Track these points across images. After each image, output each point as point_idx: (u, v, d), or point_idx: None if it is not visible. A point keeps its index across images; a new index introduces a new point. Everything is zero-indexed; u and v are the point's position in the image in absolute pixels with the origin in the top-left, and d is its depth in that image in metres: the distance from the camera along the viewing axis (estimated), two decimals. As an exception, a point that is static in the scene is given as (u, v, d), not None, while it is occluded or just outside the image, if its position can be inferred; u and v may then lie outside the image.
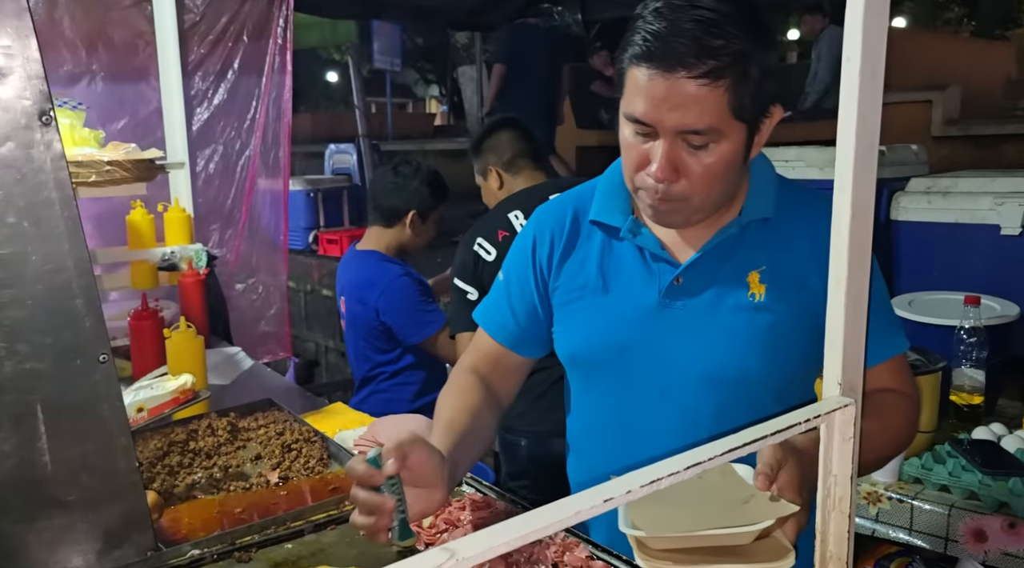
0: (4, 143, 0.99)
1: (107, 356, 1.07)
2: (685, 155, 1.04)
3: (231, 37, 2.59)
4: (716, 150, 1.04)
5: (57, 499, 1.06)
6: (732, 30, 0.99)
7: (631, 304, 1.19)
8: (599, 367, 1.24)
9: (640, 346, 1.18)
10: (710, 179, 1.06)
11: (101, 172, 1.89)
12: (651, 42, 1.00)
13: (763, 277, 1.14)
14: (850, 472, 0.81)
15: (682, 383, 1.17)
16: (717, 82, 0.99)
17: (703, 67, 0.98)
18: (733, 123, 1.03)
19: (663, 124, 1.02)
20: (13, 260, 1.01)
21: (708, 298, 1.15)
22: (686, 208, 1.09)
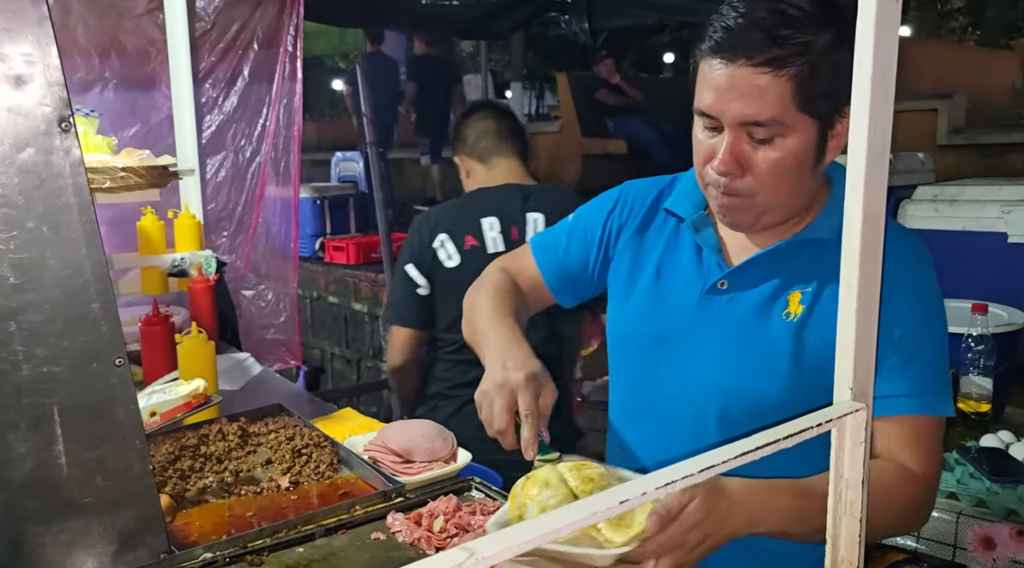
0: (24, 149, 1.00)
1: (123, 360, 1.08)
2: (749, 149, 1.03)
3: (241, 45, 2.62)
4: (781, 145, 1.01)
5: (73, 502, 1.07)
6: (803, 21, 0.98)
7: (674, 299, 1.19)
8: (634, 354, 1.25)
9: (672, 342, 1.19)
10: (775, 176, 1.03)
11: (115, 178, 1.91)
12: (719, 34, 1.01)
13: (804, 298, 1.10)
14: (861, 477, 0.82)
15: (698, 385, 1.16)
16: (780, 71, 0.98)
17: (765, 55, 0.97)
18: (799, 117, 1.00)
19: (725, 115, 1.02)
20: (32, 265, 1.02)
21: (745, 307, 1.13)
22: (752, 207, 1.07)
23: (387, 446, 1.51)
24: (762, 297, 1.13)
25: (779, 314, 1.10)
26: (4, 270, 0.99)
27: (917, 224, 2.56)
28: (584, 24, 3.66)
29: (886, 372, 1.02)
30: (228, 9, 2.59)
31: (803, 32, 0.98)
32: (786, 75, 0.98)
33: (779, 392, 1.09)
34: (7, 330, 1.00)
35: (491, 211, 2.05)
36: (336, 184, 6.52)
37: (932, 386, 1.07)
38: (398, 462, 1.48)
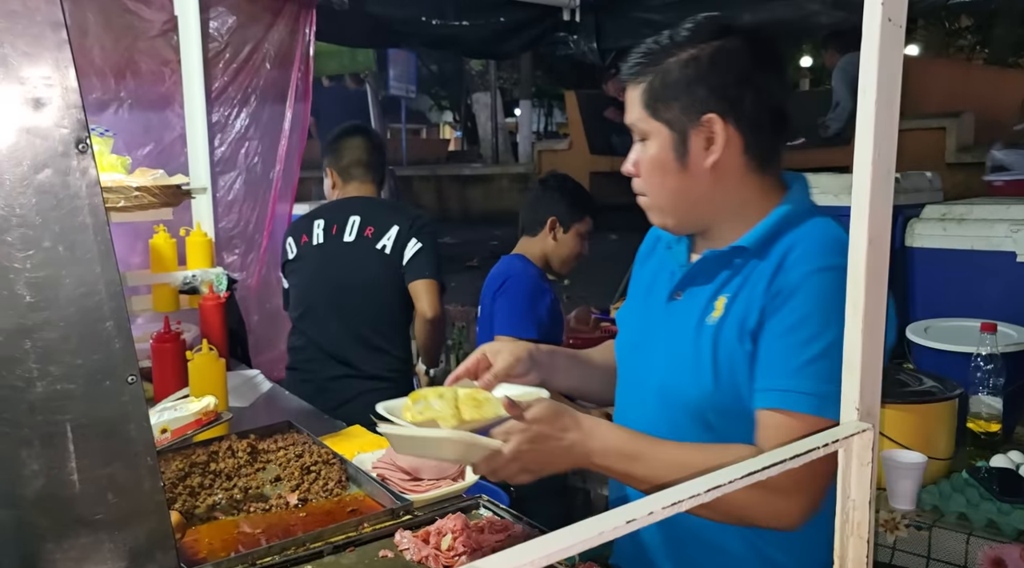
0: (42, 170, 1.02)
1: (135, 378, 1.09)
2: (640, 152, 1.21)
3: (254, 65, 2.65)
4: (647, 147, 1.20)
5: (85, 518, 1.08)
6: (668, 43, 1.17)
7: (648, 312, 1.33)
8: (621, 360, 1.40)
9: (638, 350, 1.32)
10: (650, 176, 1.20)
11: (130, 197, 1.93)
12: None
13: (726, 303, 1.19)
14: (868, 497, 0.82)
15: (648, 392, 1.27)
16: (636, 81, 1.18)
17: (630, 70, 1.19)
18: (651, 121, 1.18)
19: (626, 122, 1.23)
20: (47, 283, 1.03)
21: (687, 312, 1.24)
22: (652, 206, 1.24)
23: (395, 463, 1.51)
24: (700, 302, 1.22)
25: (706, 318, 1.20)
26: (20, 289, 1.00)
27: (925, 243, 2.56)
28: (593, 44, 3.68)
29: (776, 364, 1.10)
30: (241, 30, 2.62)
31: (658, 53, 1.16)
32: (638, 85, 1.18)
33: (703, 392, 1.18)
34: (22, 348, 1.01)
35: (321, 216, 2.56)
36: (345, 201, 6.56)
37: (809, 384, 1.07)
38: (406, 480, 1.48)
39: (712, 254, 1.22)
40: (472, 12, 3.46)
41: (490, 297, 2.46)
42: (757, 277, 1.15)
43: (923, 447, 1.76)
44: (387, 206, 2.80)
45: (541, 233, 2.51)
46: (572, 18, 3.75)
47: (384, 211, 2.59)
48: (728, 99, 1.15)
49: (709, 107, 1.14)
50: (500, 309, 2.38)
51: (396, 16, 3.29)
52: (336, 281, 2.49)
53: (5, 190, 0.99)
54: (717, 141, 1.16)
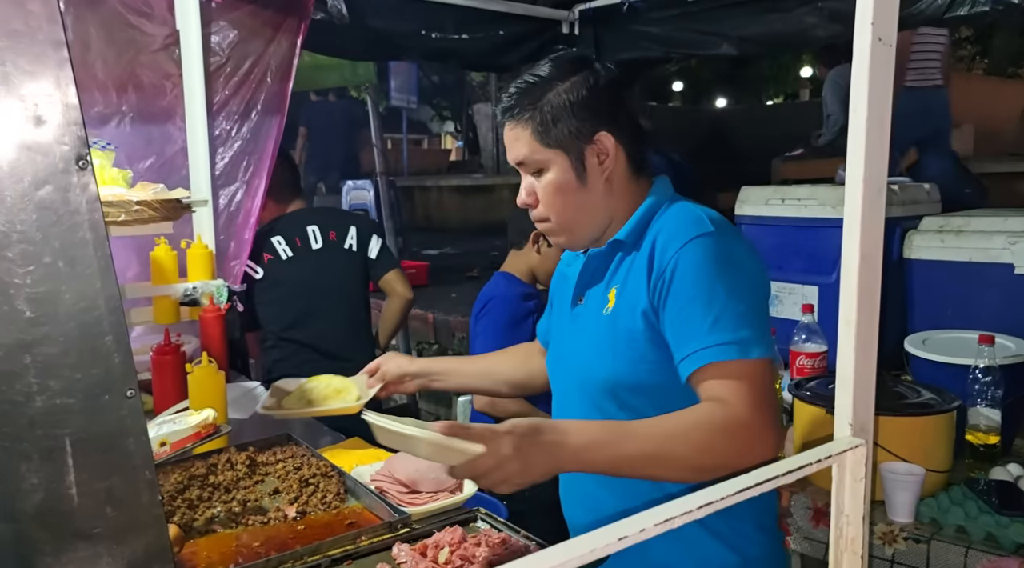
0: (43, 186, 1.03)
1: (134, 391, 1.09)
2: (535, 183, 1.34)
3: (255, 79, 2.66)
4: (547, 175, 1.32)
5: (83, 532, 1.08)
6: (532, 84, 1.31)
7: (561, 328, 1.49)
8: (550, 378, 1.54)
9: (558, 357, 1.49)
10: (552, 200, 1.33)
11: (130, 211, 1.94)
12: (498, 110, 1.35)
13: (616, 293, 1.34)
14: (862, 512, 0.82)
15: (570, 388, 1.42)
16: (518, 121, 1.31)
17: (511, 113, 1.31)
18: (546, 151, 1.30)
19: (512, 162, 1.36)
20: (47, 299, 1.04)
21: (588, 313, 1.39)
22: (556, 228, 1.36)
23: (393, 476, 1.52)
24: (597, 299, 1.37)
25: (602, 310, 1.34)
26: (20, 304, 1.01)
27: (923, 255, 2.57)
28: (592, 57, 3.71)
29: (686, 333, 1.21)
30: (242, 44, 2.63)
31: (533, 91, 1.30)
32: (523, 122, 1.30)
33: (608, 373, 1.31)
34: (22, 362, 1.02)
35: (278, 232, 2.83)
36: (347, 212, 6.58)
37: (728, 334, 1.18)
38: (404, 492, 1.49)
39: (595, 252, 1.38)
40: (472, 25, 3.48)
41: (474, 317, 2.49)
42: (638, 265, 1.30)
43: (921, 459, 1.76)
44: (333, 211, 3.27)
45: (526, 247, 2.51)
46: (571, 31, 3.78)
47: (334, 216, 3.03)
48: (610, 116, 1.32)
49: (598, 126, 1.30)
50: (482, 331, 2.42)
51: (396, 30, 3.31)
52: (318, 286, 2.82)
53: (6, 206, 1.00)
54: (610, 154, 1.32)
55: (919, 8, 2.75)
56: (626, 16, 3.61)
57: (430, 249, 7.91)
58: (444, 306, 4.81)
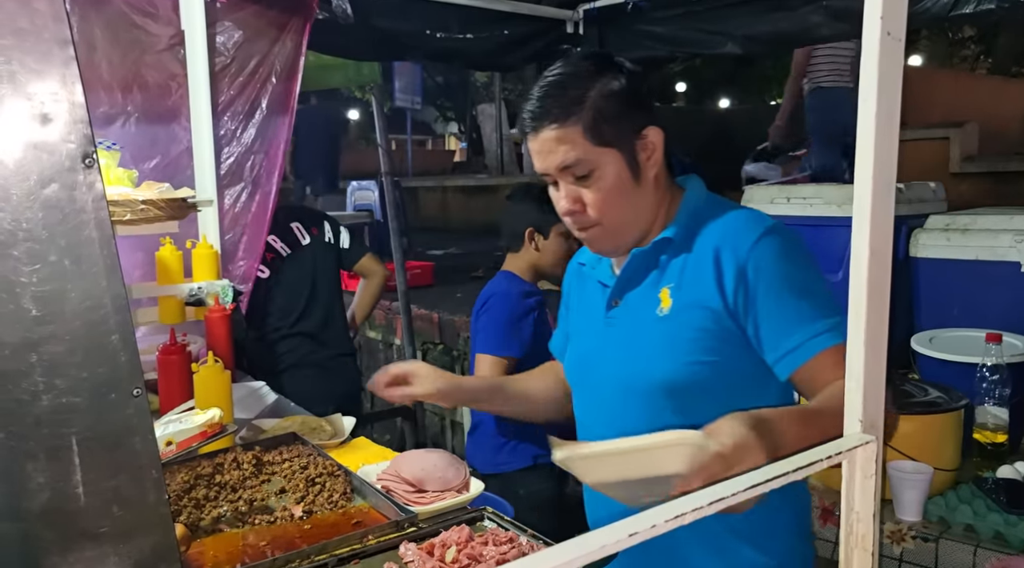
0: (49, 185, 1.03)
1: (140, 390, 1.09)
2: (580, 189, 1.27)
3: (260, 79, 2.66)
4: (599, 177, 1.25)
5: (89, 531, 1.08)
6: (573, 83, 1.25)
7: (588, 331, 1.43)
8: (574, 386, 1.49)
9: (588, 362, 1.41)
10: (606, 203, 1.27)
11: (136, 211, 1.94)
12: (524, 116, 1.29)
13: (672, 293, 1.29)
14: (872, 509, 0.82)
15: (610, 393, 1.35)
16: (565, 123, 1.24)
17: (552, 116, 1.24)
18: (600, 151, 1.24)
19: (550, 169, 1.27)
20: (53, 297, 1.04)
21: (631, 314, 1.34)
22: (605, 233, 1.30)
23: (400, 475, 1.51)
24: (643, 300, 1.32)
25: (655, 311, 1.29)
26: (27, 303, 1.01)
27: (929, 253, 2.56)
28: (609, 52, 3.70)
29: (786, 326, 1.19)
30: (247, 44, 2.63)
31: (578, 90, 1.24)
32: (572, 122, 1.23)
33: (666, 376, 1.26)
34: (28, 361, 1.02)
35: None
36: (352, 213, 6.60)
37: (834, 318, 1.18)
38: (411, 491, 1.48)
39: (639, 252, 1.32)
40: (476, 25, 3.47)
41: (475, 315, 2.48)
42: (696, 264, 1.26)
43: (929, 458, 1.76)
44: (303, 209, 3.51)
45: (523, 247, 2.50)
46: (576, 30, 3.77)
47: (307, 212, 3.23)
48: (650, 110, 1.30)
49: (644, 120, 1.28)
50: (482, 328, 2.40)
51: (401, 29, 3.30)
52: (313, 279, 3.02)
53: (12, 205, 1.00)
54: (657, 150, 1.29)
55: (924, 6, 2.74)
56: (631, 15, 3.60)
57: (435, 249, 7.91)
58: (449, 306, 4.81)
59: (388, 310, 5.02)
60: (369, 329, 5.22)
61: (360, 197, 6.98)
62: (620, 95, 1.26)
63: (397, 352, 4.98)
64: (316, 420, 1.97)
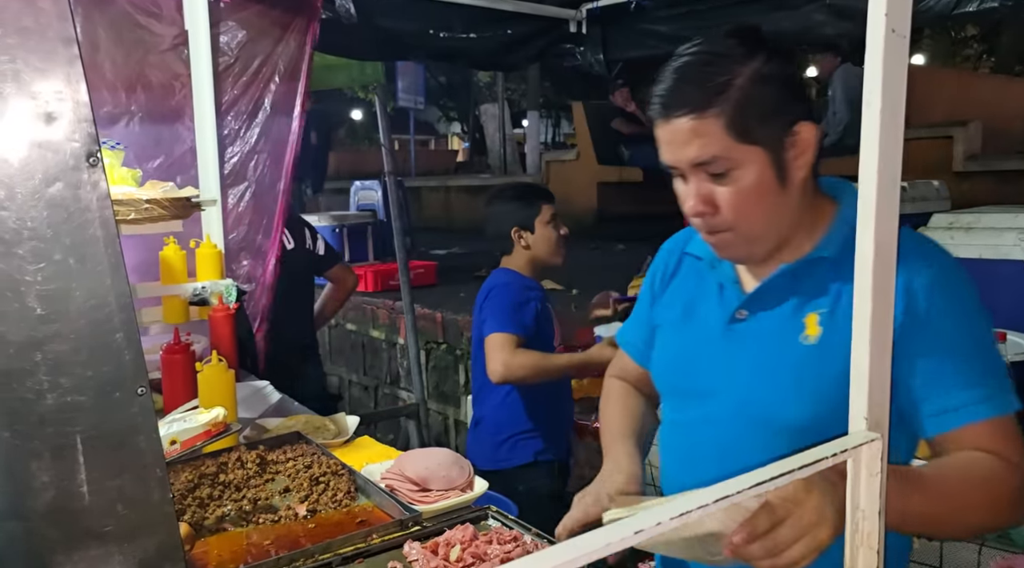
0: (53, 183, 1.03)
1: (145, 389, 1.10)
2: (714, 188, 1.09)
3: (263, 79, 2.66)
4: (738, 177, 1.08)
5: (94, 530, 1.08)
6: (716, 65, 1.07)
7: (700, 334, 1.24)
8: (670, 392, 1.32)
9: (700, 376, 1.23)
10: (742, 207, 1.09)
11: (140, 210, 1.95)
12: (655, 99, 1.11)
13: (822, 319, 1.11)
14: (878, 507, 0.81)
15: (723, 415, 1.18)
16: (705, 113, 1.06)
17: (690, 104, 1.06)
18: (743, 148, 1.06)
19: (680, 163, 1.10)
20: (58, 296, 1.04)
21: (764, 334, 1.16)
22: (737, 240, 1.12)
23: (404, 474, 1.51)
24: (779, 321, 1.15)
25: (797, 337, 1.13)
26: (31, 301, 1.01)
27: (934, 252, 2.55)
28: (599, 55, 3.69)
29: (949, 382, 1.05)
30: (251, 44, 2.63)
31: (721, 74, 1.06)
32: (713, 114, 1.05)
33: (803, 415, 1.10)
34: (33, 360, 1.02)
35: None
36: (355, 212, 6.60)
37: (998, 386, 1.06)
38: (415, 490, 1.48)
39: (789, 268, 1.14)
40: (479, 25, 3.47)
41: (479, 309, 2.48)
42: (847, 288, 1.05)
43: (934, 457, 1.75)
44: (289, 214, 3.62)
45: (514, 247, 2.49)
46: (579, 30, 3.76)
47: (292, 218, 3.25)
48: (806, 102, 1.11)
49: (797, 114, 1.08)
50: (488, 313, 2.39)
51: (404, 29, 3.31)
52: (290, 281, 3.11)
53: (17, 203, 1.00)
54: (809, 150, 1.10)
55: (927, 5, 2.73)
56: (633, 14, 3.60)
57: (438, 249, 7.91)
58: (452, 305, 4.81)
59: (392, 309, 5.02)
60: (373, 328, 5.22)
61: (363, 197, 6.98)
62: (771, 83, 1.07)
63: (400, 351, 4.98)
64: (320, 419, 1.97)
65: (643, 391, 1.45)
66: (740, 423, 1.16)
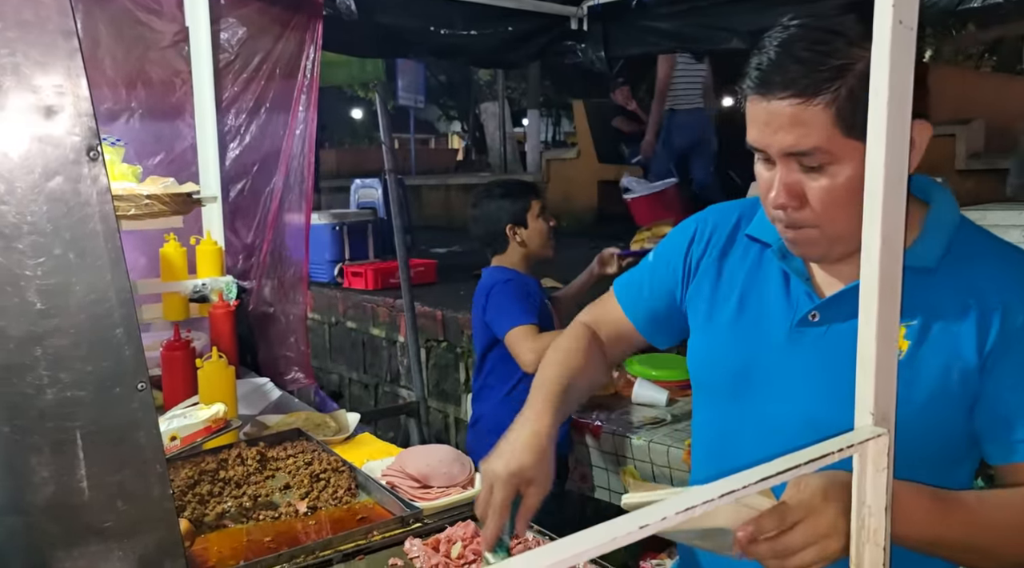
0: (53, 178, 1.02)
1: (145, 385, 1.09)
2: (805, 180, 1.00)
3: (263, 75, 2.66)
4: (834, 173, 0.98)
5: (94, 526, 1.08)
6: (831, 46, 0.95)
7: (761, 330, 1.13)
8: (716, 389, 1.19)
9: (759, 375, 1.13)
10: (833, 206, 0.99)
11: (140, 206, 1.94)
12: (752, 71, 1.00)
13: (909, 333, 1.03)
14: (884, 503, 0.81)
15: (786, 421, 1.09)
16: (814, 99, 0.95)
17: (794, 86, 0.95)
18: (846, 142, 0.96)
19: (771, 148, 1.00)
20: (58, 290, 1.03)
21: (840, 342, 1.05)
22: (820, 238, 1.04)
23: (405, 471, 1.51)
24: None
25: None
26: (31, 296, 1.01)
27: (937, 249, 2.55)
28: (600, 53, 3.69)
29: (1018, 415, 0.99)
30: (251, 41, 2.63)
31: (836, 57, 0.95)
32: (822, 103, 0.95)
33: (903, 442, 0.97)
34: (32, 355, 1.01)
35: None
36: (355, 210, 6.59)
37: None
38: (416, 487, 1.48)
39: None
40: (480, 22, 3.47)
41: (480, 309, 2.44)
42: (954, 307, 1.01)
43: (937, 455, 1.74)
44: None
45: (509, 245, 2.48)
46: (580, 27, 3.76)
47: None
48: (923, 98, 0.97)
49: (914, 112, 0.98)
50: (499, 312, 2.35)
51: (405, 26, 3.30)
52: None
53: (17, 198, 1.00)
54: (917, 151, 0.99)
55: (932, 1, 2.72)
56: (635, 11, 3.59)
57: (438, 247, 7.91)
58: (452, 303, 4.80)
59: (392, 307, 5.01)
60: (373, 326, 5.22)
61: (364, 195, 6.97)
62: None
63: (401, 349, 4.97)
64: (320, 416, 1.97)
65: (608, 348, 1.33)
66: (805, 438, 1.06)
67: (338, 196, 8.47)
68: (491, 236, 2.50)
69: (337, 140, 21.26)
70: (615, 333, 1.34)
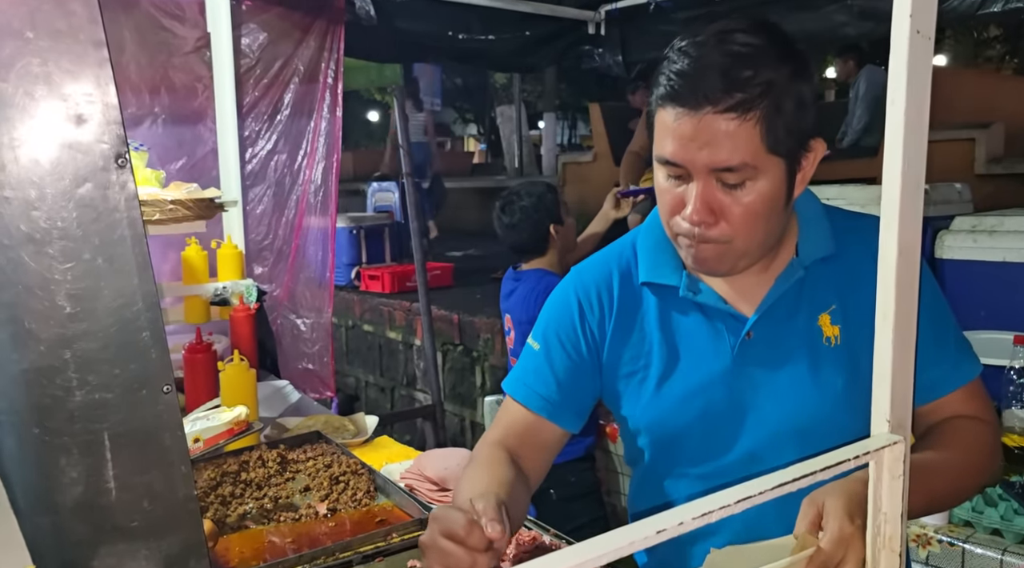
0: (83, 184, 1.05)
1: (170, 387, 1.11)
2: (721, 195, 0.99)
3: (284, 80, 2.70)
4: (754, 188, 0.99)
5: (121, 526, 1.10)
6: (761, 61, 0.96)
7: (704, 368, 1.12)
8: (681, 438, 1.15)
9: (721, 411, 1.11)
10: (750, 220, 1.00)
11: (164, 210, 1.97)
12: (675, 80, 0.97)
13: (835, 318, 1.09)
14: (900, 510, 0.81)
15: (771, 444, 1.10)
16: (747, 115, 0.95)
17: (730, 100, 0.94)
18: (768, 158, 0.98)
19: (694, 163, 0.98)
20: (87, 295, 1.06)
21: (783, 350, 1.09)
22: (730, 253, 1.04)
23: (423, 474, 1.52)
24: (796, 332, 1.10)
25: (820, 341, 1.09)
26: (61, 300, 1.03)
27: (955, 255, 2.53)
28: (618, 57, 3.70)
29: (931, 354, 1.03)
30: (272, 46, 2.67)
31: (763, 71, 0.95)
32: (753, 118, 0.95)
33: (855, 414, 1.04)
34: (62, 358, 1.04)
35: None
36: (372, 214, 6.63)
37: (960, 352, 1.12)
38: (434, 490, 1.49)
39: (793, 276, 1.09)
40: (498, 26, 3.49)
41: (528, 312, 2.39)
42: (858, 282, 1.06)
43: (955, 461, 1.74)
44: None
45: (549, 248, 2.48)
46: (597, 31, 3.77)
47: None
48: (817, 115, 1.01)
49: (814, 129, 1.01)
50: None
51: (423, 31, 3.33)
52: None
53: (47, 204, 1.02)
54: (811, 166, 1.04)
55: (951, 5, 2.71)
56: (652, 16, 3.60)
57: (454, 251, 7.93)
58: (469, 307, 4.82)
59: (408, 311, 5.03)
60: (389, 330, 5.24)
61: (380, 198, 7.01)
62: (803, 89, 0.98)
63: (417, 353, 4.99)
64: (339, 419, 1.99)
65: (525, 463, 1.15)
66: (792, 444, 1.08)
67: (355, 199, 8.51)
68: (535, 240, 2.48)
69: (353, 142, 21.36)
70: (526, 438, 1.17)
